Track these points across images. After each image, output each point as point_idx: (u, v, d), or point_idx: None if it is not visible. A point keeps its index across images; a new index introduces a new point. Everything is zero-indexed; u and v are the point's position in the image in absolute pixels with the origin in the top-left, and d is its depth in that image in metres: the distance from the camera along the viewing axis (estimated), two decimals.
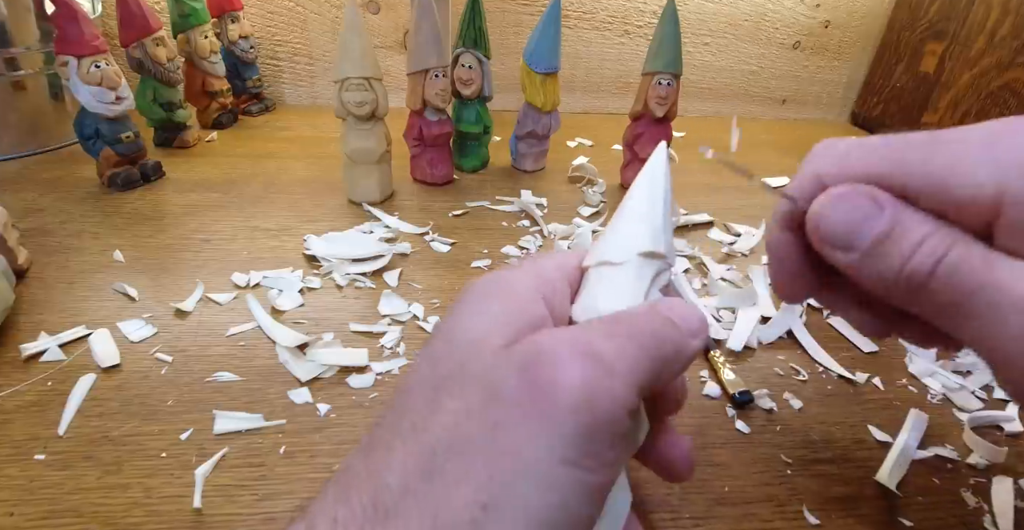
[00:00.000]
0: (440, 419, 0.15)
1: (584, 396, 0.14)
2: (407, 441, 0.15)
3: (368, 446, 0.16)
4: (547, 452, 0.14)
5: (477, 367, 0.16)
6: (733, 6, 0.79)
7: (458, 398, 0.15)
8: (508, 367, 0.15)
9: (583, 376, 0.14)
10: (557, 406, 0.14)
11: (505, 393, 0.15)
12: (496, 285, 0.18)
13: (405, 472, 0.14)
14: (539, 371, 0.15)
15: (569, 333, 0.16)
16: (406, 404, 0.16)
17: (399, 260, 0.44)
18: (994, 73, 0.67)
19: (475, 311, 0.18)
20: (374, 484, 0.14)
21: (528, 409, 0.14)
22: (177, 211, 0.48)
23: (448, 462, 0.14)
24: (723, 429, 0.32)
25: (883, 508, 0.28)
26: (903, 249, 0.16)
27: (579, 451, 0.14)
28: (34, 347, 0.33)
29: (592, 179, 0.60)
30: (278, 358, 0.34)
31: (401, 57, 0.75)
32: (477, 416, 0.14)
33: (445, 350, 0.17)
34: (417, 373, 0.17)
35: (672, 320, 0.17)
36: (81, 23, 0.45)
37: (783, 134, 0.82)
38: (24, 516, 0.24)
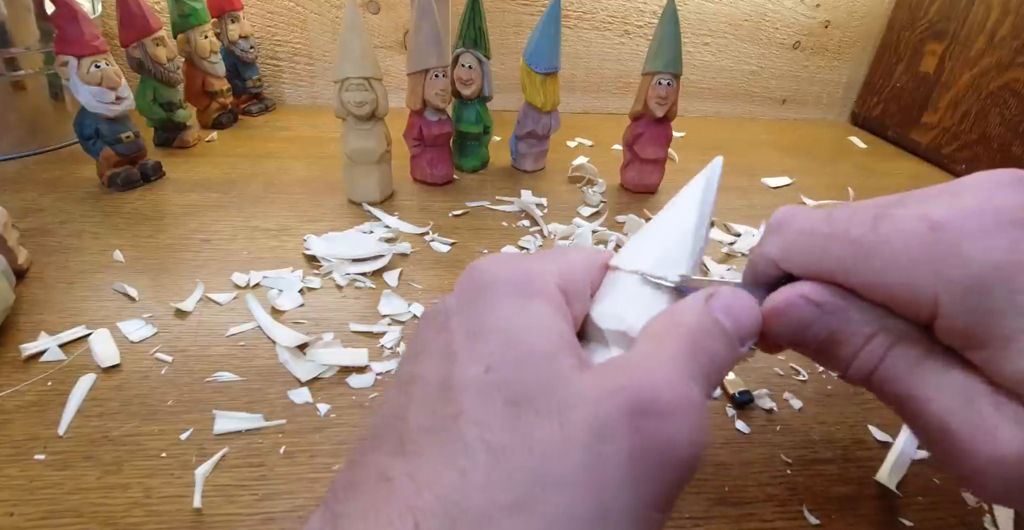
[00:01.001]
0: (527, 444, 0.14)
1: (688, 452, 0.14)
2: (481, 463, 0.13)
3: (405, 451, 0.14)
4: (648, 498, 0.14)
5: (568, 393, 0.14)
6: (733, 6, 0.79)
7: (550, 425, 0.14)
8: (615, 408, 0.14)
9: (691, 432, 0.14)
10: (663, 461, 0.14)
11: (614, 436, 0.14)
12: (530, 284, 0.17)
13: (487, 503, 0.13)
14: (654, 421, 0.14)
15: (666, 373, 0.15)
16: (463, 410, 0.14)
17: (399, 260, 0.44)
18: (994, 73, 0.67)
19: (523, 315, 0.16)
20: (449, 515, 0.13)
21: (635, 457, 0.14)
22: (177, 211, 0.48)
23: (544, 495, 0.13)
24: (723, 429, 0.32)
25: (883, 508, 0.28)
26: (845, 354, 0.18)
27: (667, 500, 0.14)
28: (34, 347, 0.33)
29: (592, 179, 0.60)
30: (278, 358, 0.34)
31: (401, 57, 0.75)
32: (580, 453, 0.13)
33: (506, 357, 0.15)
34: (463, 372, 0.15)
35: (726, 332, 0.17)
36: (81, 23, 0.45)
37: (783, 134, 0.82)
38: (24, 516, 0.24)
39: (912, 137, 0.79)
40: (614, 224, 0.52)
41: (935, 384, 0.16)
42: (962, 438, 0.15)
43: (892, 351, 0.17)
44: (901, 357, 0.17)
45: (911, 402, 0.17)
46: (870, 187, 0.65)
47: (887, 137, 0.84)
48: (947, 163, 0.74)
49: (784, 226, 0.19)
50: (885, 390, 0.17)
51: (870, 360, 0.17)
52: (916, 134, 0.78)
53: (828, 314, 0.18)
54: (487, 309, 0.16)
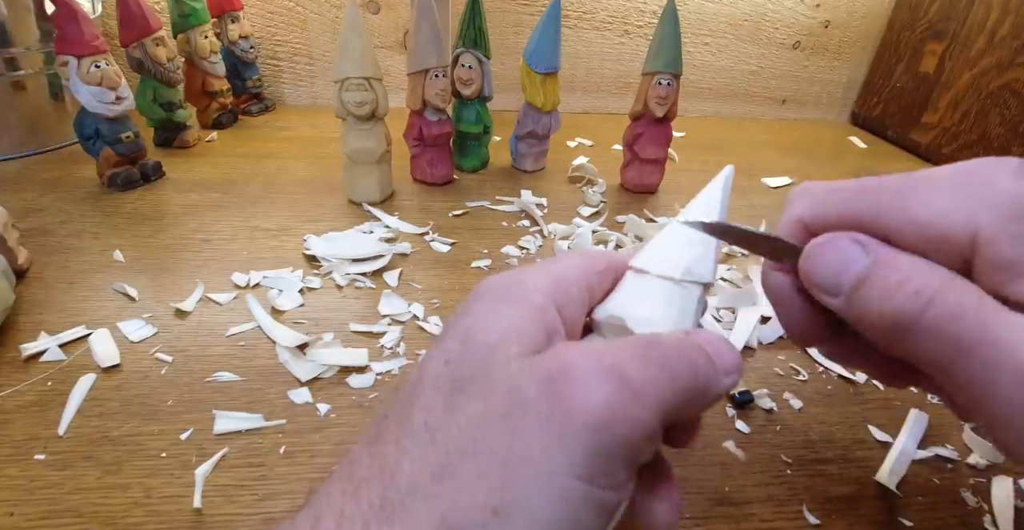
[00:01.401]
0: (457, 420, 0.15)
1: (606, 417, 0.14)
2: (419, 439, 0.15)
3: (375, 438, 0.16)
4: (563, 466, 0.14)
5: (499, 374, 0.15)
6: (733, 6, 0.79)
7: (478, 402, 0.15)
8: (532, 377, 0.15)
9: (607, 397, 0.15)
10: (578, 423, 0.14)
11: (527, 403, 0.15)
12: (510, 289, 0.18)
13: (415, 471, 0.14)
14: (564, 386, 0.15)
15: (599, 350, 0.16)
16: (418, 400, 0.16)
17: (399, 260, 0.44)
18: (994, 73, 0.67)
19: (491, 314, 0.17)
20: (383, 481, 0.14)
21: (548, 421, 0.14)
22: (177, 211, 0.48)
23: (461, 464, 0.14)
24: (723, 429, 0.32)
25: (883, 508, 0.28)
26: (886, 290, 0.16)
27: (594, 469, 0.14)
28: (34, 347, 0.33)
29: (592, 179, 0.60)
30: (278, 358, 0.34)
31: (401, 57, 0.75)
32: (496, 422, 0.15)
33: (461, 351, 0.17)
34: (429, 370, 0.17)
35: (709, 355, 0.17)
36: (81, 23, 0.45)
37: (783, 134, 0.82)
38: (24, 516, 0.24)
39: (912, 137, 0.79)
40: (614, 224, 0.52)
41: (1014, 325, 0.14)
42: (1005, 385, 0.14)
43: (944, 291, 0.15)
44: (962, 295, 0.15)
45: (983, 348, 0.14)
46: None
47: (887, 137, 0.84)
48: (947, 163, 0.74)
49: (809, 190, 0.19)
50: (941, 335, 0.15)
51: (921, 297, 0.15)
52: (916, 134, 0.78)
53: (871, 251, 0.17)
54: (463, 316, 0.18)
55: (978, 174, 0.16)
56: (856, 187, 0.18)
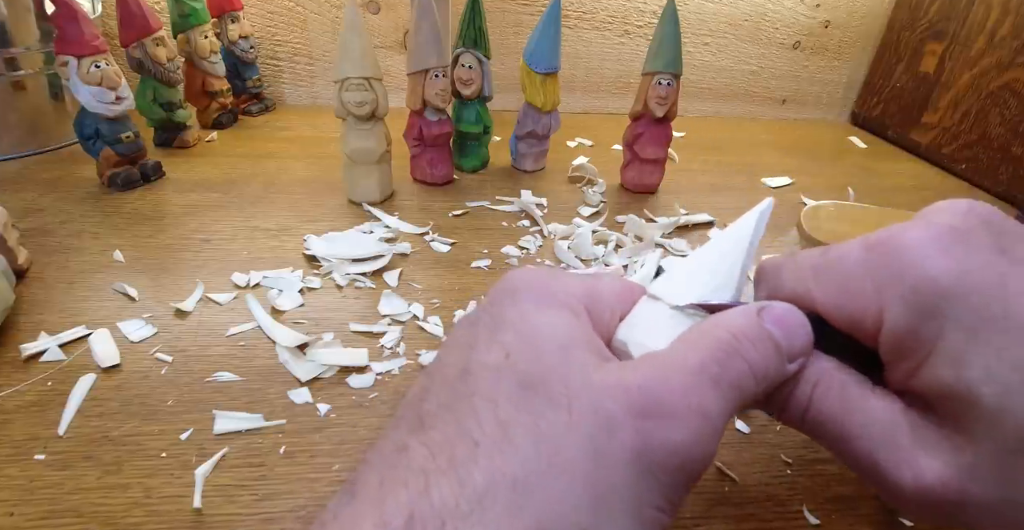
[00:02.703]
0: (535, 424, 0.14)
1: (689, 457, 0.15)
2: (492, 436, 0.14)
3: (422, 424, 0.15)
4: (647, 496, 0.14)
5: (578, 381, 0.15)
6: (733, 6, 0.79)
7: (561, 411, 0.15)
8: (619, 402, 0.15)
9: (695, 438, 0.15)
10: (662, 463, 0.14)
11: (614, 428, 0.14)
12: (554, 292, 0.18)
13: (494, 473, 0.14)
14: (651, 421, 0.15)
15: (682, 377, 0.15)
16: (478, 390, 0.15)
17: (399, 260, 0.44)
18: (994, 73, 0.67)
19: (545, 314, 0.17)
20: (458, 477, 0.14)
21: (634, 453, 0.14)
22: (177, 211, 0.48)
23: (545, 475, 0.14)
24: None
25: (883, 508, 0.28)
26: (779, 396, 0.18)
27: (668, 501, 0.15)
28: (34, 347, 0.33)
29: (592, 179, 0.60)
30: (278, 358, 0.34)
31: (401, 57, 0.75)
32: (581, 439, 0.14)
33: (524, 346, 0.16)
34: (483, 360, 0.16)
35: (778, 345, 0.17)
36: (81, 23, 0.45)
37: (783, 134, 0.82)
38: (24, 516, 0.24)
39: (912, 137, 0.79)
40: (614, 224, 0.52)
41: (860, 420, 0.17)
42: (888, 471, 0.16)
43: (817, 389, 0.18)
44: (825, 396, 0.17)
45: (842, 441, 0.17)
46: (870, 187, 0.65)
47: (887, 137, 0.84)
48: (947, 163, 0.74)
49: (764, 271, 0.21)
50: (819, 431, 0.18)
51: (800, 403, 0.18)
52: (916, 134, 0.78)
53: None
54: (511, 307, 0.18)
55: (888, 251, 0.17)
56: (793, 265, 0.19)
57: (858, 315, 0.17)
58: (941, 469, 0.16)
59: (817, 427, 0.18)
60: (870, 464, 0.17)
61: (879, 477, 0.17)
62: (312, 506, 0.26)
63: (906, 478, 0.16)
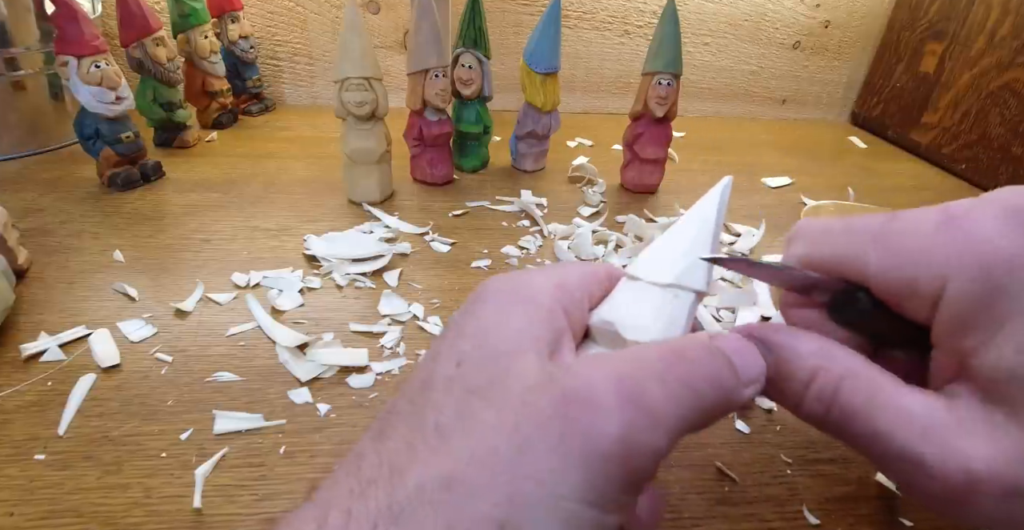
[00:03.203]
0: (470, 428, 0.15)
1: (620, 448, 0.14)
2: (430, 443, 0.15)
3: (381, 434, 0.16)
4: (571, 489, 0.14)
5: (515, 383, 0.15)
6: (733, 6, 0.79)
7: (492, 410, 0.15)
8: (548, 394, 0.15)
9: (624, 427, 0.14)
10: (590, 450, 0.14)
11: (540, 421, 0.14)
12: (519, 291, 0.18)
13: (424, 474, 0.14)
14: (579, 409, 0.14)
15: (619, 367, 0.15)
16: (430, 399, 0.16)
17: (399, 260, 0.44)
18: (994, 73, 0.67)
19: (502, 316, 0.17)
20: (392, 482, 0.14)
21: (560, 444, 0.14)
22: (177, 211, 0.48)
23: (470, 474, 0.14)
24: (723, 429, 0.32)
25: (883, 508, 0.28)
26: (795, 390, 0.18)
27: (602, 496, 0.14)
28: (34, 347, 0.33)
29: (592, 179, 0.60)
30: (278, 358, 0.34)
31: (401, 57, 0.75)
32: (508, 435, 0.14)
33: (475, 354, 0.16)
34: (440, 370, 0.17)
35: (734, 366, 0.17)
36: (81, 23, 0.45)
37: (783, 134, 0.82)
38: (24, 516, 0.24)
39: (912, 137, 0.79)
40: (614, 224, 0.52)
41: (895, 415, 0.16)
42: (933, 466, 0.15)
43: (844, 384, 0.17)
44: (853, 390, 0.17)
45: (875, 439, 0.16)
46: (870, 187, 0.65)
47: (887, 137, 0.84)
48: (947, 163, 0.74)
49: (805, 229, 0.20)
50: (844, 428, 0.17)
51: (823, 396, 0.17)
52: (916, 134, 0.78)
53: (773, 350, 0.18)
54: (472, 315, 0.18)
55: (961, 223, 0.16)
56: (845, 227, 0.18)
57: (916, 284, 0.16)
58: (991, 457, 0.15)
59: (843, 423, 0.17)
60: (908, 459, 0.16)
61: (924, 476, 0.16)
62: None
63: (951, 469, 0.15)
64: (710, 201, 0.20)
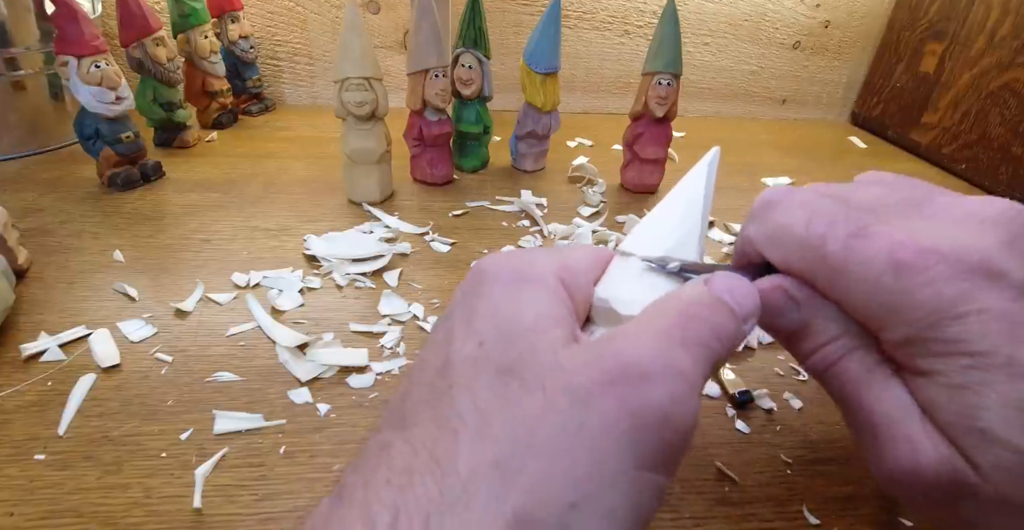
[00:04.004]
0: (514, 410, 0.15)
1: (670, 415, 0.15)
2: (473, 426, 0.15)
3: (404, 421, 0.16)
4: (631, 461, 0.14)
5: (549, 362, 0.15)
6: (733, 6, 0.79)
7: (536, 394, 0.15)
8: (592, 377, 0.15)
9: (671, 397, 0.15)
10: (644, 423, 0.15)
11: (590, 403, 0.15)
12: (524, 270, 0.18)
13: (476, 460, 0.14)
14: (627, 388, 0.15)
15: (650, 342, 0.16)
16: (456, 382, 0.16)
17: (399, 260, 0.44)
18: (994, 73, 0.67)
19: (515, 296, 0.17)
20: (441, 469, 0.14)
21: (616, 423, 0.14)
22: (177, 211, 0.48)
23: (527, 457, 0.14)
24: (723, 429, 0.32)
25: (883, 508, 0.28)
26: (808, 347, 0.20)
27: (658, 460, 0.15)
28: (34, 347, 0.33)
29: (592, 179, 0.60)
30: (278, 358, 0.34)
31: (401, 57, 0.75)
32: (559, 416, 0.14)
33: (496, 333, 0.16)
34: (460, 352, 0.16)
35: (732, 310, 0.17)
36: (81, 23, 0.45)
37: (783, 134, 0.82)
38: (24, 516, 0.24)
39: (912, 137, 0.79)
40: (614, 224, 0.52)
41: (880, 395, 0.18)
42: (892, 444, 0.17)
43: (850, 355, 0.19)
44: (857, 362, 0.19)
45: (856, 405, 0.19)
46: None
47: (887, 137, 0.84)
48: (947, 163, 0.74)
49: (766, 214, 0.21)
50: (835, 387, 0.20)
51: (829, 357, 0.19)
52: (916, 134, 0.78)
53: (803, 309, 0.20)
54: (483, 296, 0.18)
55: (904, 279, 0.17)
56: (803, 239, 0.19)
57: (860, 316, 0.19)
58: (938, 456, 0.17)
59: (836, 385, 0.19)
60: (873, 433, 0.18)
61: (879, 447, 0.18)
62: (312, 506, 0.26)
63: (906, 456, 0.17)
64: (698, 174, 0.21)
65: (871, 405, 0.18)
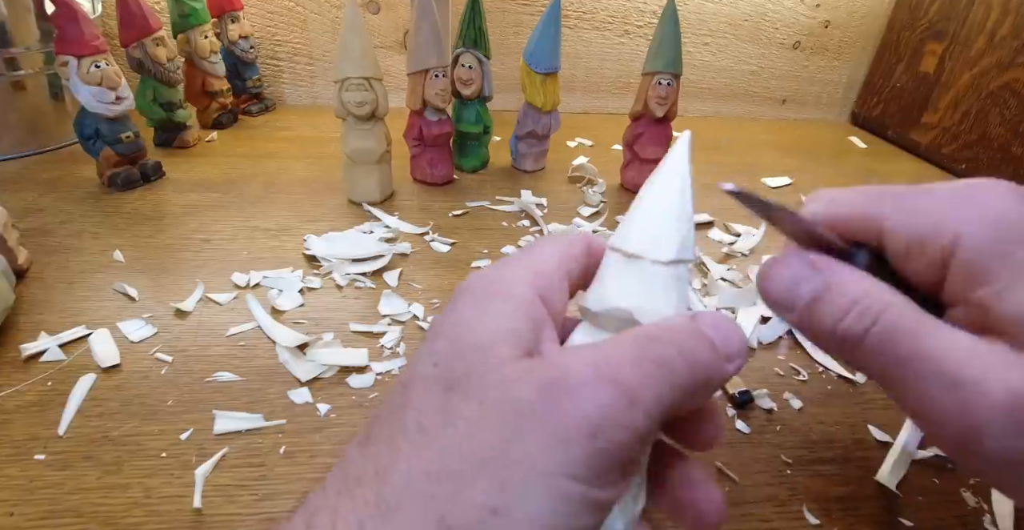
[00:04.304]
0: (451, 421, 0.15)
1: (601, 424, 0.15)
2: (413, 441, 0.15)
3: (367, 439, 0.16)
4: (560, 467, 0.14)
5: (492, 377, 0.16)
6: (733, 6, 0.79)
7: (473, 403, 0.15)
8: (529, 384, 0.15)
9: (602, 405, 0.15)
10: (574, 429, 0.14)
11: (524, 408, 0.15)
12: (493, 286, 0.18)
13: (411, 470, 0.14)
14: (560, 393, 0.15)
15: (595, 355, 0.16)
16: (409, 401, 0.16)
17: (399, 260, 0.44)
18: (994, 73, 0.67)
19: (476, 312, 0.17)
20: (379, 479, 0.15)
21: (545, 427, 0.14)
22: (177, 211, 0.48)
23: (458, 464, 0.14)
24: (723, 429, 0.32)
25: (883, 508, 0.28)
26: (836, 310, 0.18)
27: (590, 471, 0.15)
28: (34, 347, 0.33)
29: (592, 179, 0.60)
30: (278, 358, 0.34)
31: (401, 57, 0.75)
32: (493, 425, 0.15)
33: (450, 352, 0.17)
34: (418, 371, 0.17)
35: (712, 342, 0.17)
36: (81, 23, 0.45)
37: (783, 134, 0.82)
38: (24, 516, 0.24)
39: (912, 137, 0.79)
40: (614, 224, 0.52)
41: (943, 337, 0.16)
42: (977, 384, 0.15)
43: (888, 309, 0.17)
44: (901, 314, 0.17)
45: (917, 360, 0.16)
46: None
47: (887, 137, 0.84)
48: (947, 163, 0.74)
49: (824, 192, 0.21)
50: (885, 348, 0.17)
51: (864, 315, 0.17)
52: (916, 134, 0.78)
53: (820, 271, 0.18)
54: (450, 314, 0.18)
55: (974, 189, 0.18)
56: (863, 190, 0.20)
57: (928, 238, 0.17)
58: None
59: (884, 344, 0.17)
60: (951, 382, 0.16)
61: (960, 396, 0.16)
62: None
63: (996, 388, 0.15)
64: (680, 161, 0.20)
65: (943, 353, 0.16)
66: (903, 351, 0.16)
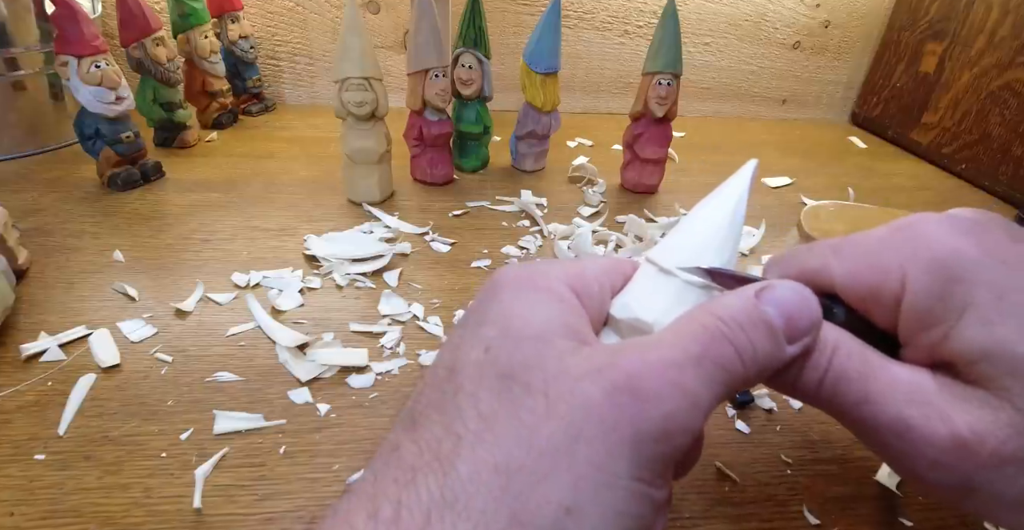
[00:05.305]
0: (515, 414, 0.15)
1: (666, 430, 0.15)
2: (474, 429, 0.15)
3: (414, 423, 0.16)
4: (626, 470, 0.15)
5: (553, 369, 0.16)
6: (733, 6, 0.79)
7: (538, 398, 0.15)
8: (595, 384, 0.15)
9: (669, 412, 0.15)
10: (641, 435, 0.15)
11: (592, 410, 0.15)
12: (536, 279, 0.18)
13: (476, 462, 0.14)
14: (628, 398, 0.15)
15: (659, 354, 0.16)
16: (461, 387, 0.16)
17: (399, 260, 0.44)
18: (994, 73, 0.67)
19: (524, 302, 0.18)
20: (442, 469, 0.14)
21: (614, 430, 0.15)
22: (177, 211, 0.48)
23: (527, 461, 0.14)
24: (723, 429, 0.32)
25: (883, 508, 0.28)
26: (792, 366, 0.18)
27: (652, 473, 0.15)
28: (34, 347, 0.33)
29: (592, 179, 0.60)
30: (278, 358, 0.34)
31: (401, 57, 0.75)
32: (560, 423, 0.15)
33: (502, 339, 0.17)
34: (467, 356, 0.17)
35: (773, 329, 0.17)
36: (81, 23, 0.45)
37: (783, 134, 0.82)
38: (24, 516, 0.24)
39: (912, 137, 0.79)
40: (614, 224, 0.52)
41: (885, 381, 0.17)
42: (919, 428, 0.16)
43: (837, 354, 0.17)
44: (847, 359, 0.17)
45: (866, 404, 0.17)
46: (870, 187, 0.65)
47: (887, 137, 0.84)
48: (947, 163, 0.74)
49: (775, 257, 0.22)
50: (837, 395, 0.17)
51: (818, 367, 0.18)
52: (916, 134, 0.78)
53: None
54: (493, 302, 0.18)
55: (913, 230, 0.18)
56: (808, 248, 0.20)
57: (878, 285, 0.18)
58: (976, 422, 0.16)
59: (836, 392, 0.17)
60: (898, 426, 0.16)
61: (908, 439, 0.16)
62: (312, 506, 0.26)
63: (940, 431, 0.16)
64: (740, 187, 0.20)
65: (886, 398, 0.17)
66: (852, 396, 0.17)
